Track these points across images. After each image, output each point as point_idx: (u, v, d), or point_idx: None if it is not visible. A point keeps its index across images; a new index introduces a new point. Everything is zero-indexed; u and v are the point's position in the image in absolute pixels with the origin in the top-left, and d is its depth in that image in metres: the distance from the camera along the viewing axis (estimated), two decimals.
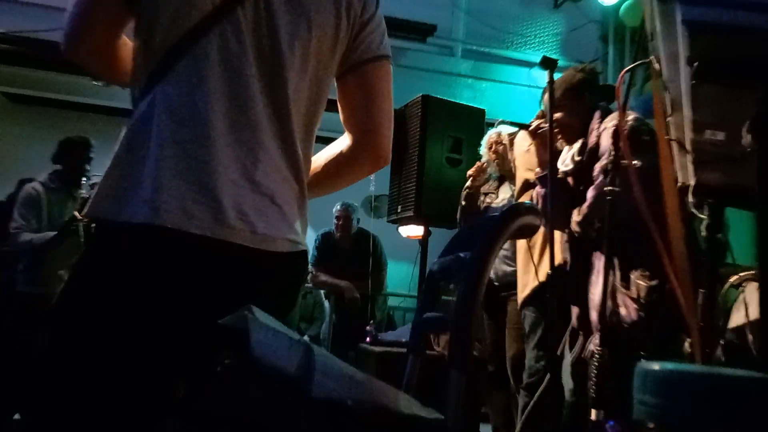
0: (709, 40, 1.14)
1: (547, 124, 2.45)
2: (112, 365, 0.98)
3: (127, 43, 1.17)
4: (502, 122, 3.12)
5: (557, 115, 2.46)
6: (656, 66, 1.51)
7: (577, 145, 2.48)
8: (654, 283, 2.15)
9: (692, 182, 1.57)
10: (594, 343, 2.21)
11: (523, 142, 2.88)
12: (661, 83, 1.54)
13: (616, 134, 2.12)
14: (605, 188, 2.12)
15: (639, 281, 2.18)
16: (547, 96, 2.50)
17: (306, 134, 1.17)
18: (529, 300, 2.85)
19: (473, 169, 3.12)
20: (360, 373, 0.78)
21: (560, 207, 2.39)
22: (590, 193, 2.30)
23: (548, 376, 2.41)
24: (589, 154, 2.41)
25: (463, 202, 3.10)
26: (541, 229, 2.46)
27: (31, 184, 3.65)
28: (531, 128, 2.66)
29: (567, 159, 2.51)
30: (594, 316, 2.25)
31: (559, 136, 2.53)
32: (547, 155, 2.45)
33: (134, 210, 0.99)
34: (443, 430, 0.81)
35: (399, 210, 3.29)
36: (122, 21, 1.12)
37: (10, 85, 6.16)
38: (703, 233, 1.79)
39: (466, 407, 0.85)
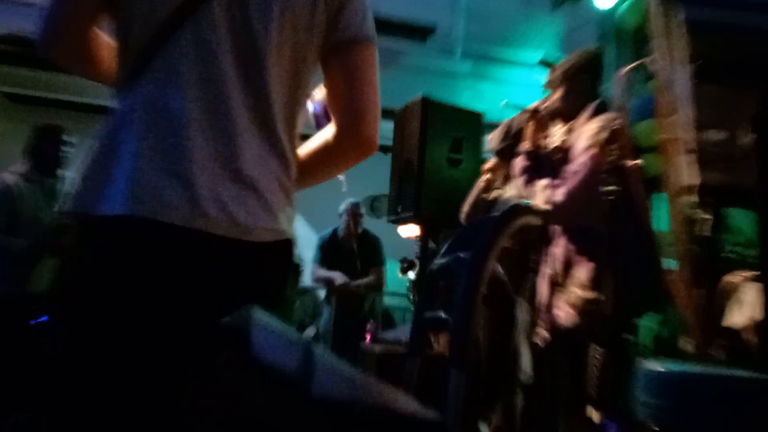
0: (709, 40, 1.14)
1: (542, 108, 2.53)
2: (101, 363, 0.98)
3: (108, 43, 1.17)
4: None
5: (556, 95, 2.51)
6: (656, 66, 1.52)
7: (565, 128, 2.49)
8: (591, 295, 2.16)
9: (692, 182, 1.57)
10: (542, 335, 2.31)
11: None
12: (661, 84, 1.54)
13: (615, 134, 2.12)
14: (604, 188, 2.12)
15: (575, 289, 2.21)
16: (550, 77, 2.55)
17: (289, 121, 1.14)
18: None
19: (490, 163, 3.10)
20: (360, 373, 0.78)
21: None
22: (564, 190, 2.27)
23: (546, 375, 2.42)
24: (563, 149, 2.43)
25: (477, 192, 3.06)
26: None
27: (4, 176, 3.36)
28: (530, 109, 2.67)
29: (555, 138, 2.55)
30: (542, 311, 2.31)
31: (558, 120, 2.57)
32: (539, 136, 2.51)
33: (112, 202, 0.99)
34: (443, 430, 0.81)
35: (399, 210, 3.29)
36: (97, 19, 1.12)
37: (10, 85, 6.17)
38: (703, 233, 1.80)
39: (466, 407, 0.85)
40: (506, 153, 2.76)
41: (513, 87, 5.93)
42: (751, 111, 1.10)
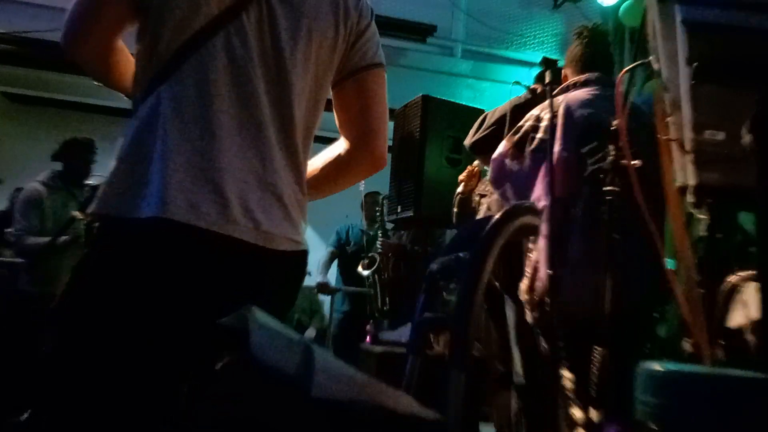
0: (709, 40, 1.14)
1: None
2: (126, 361, 0.99)
3: (122, 48, 1.19)
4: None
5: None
6: (656, 66, 1.52)
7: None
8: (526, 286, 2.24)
9: (692, 182, 1.57)
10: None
11: None
12: (660, 83, 1.54)
13: (615, 134, 2.12)
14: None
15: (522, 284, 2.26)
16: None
17: (305, 137, 1.19)
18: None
19: (464, 174, 3.11)
20: (360, 373, 0.78)
21: None
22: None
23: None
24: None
25: (456, 209, 3.09)
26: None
27: (31, 184, 3.61)
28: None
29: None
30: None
31: None
32: None
33: (142, 205, 1.00)
34: (443, 430, 0.81)
35: (399, 210, 3.28)
36: (126, 23, 1.14)
37: (10, 85, 6.17)
38: (703, 233, 1.80)
39: (467, 407, 0.85)
40: (483, 145, 2.69)
41: (513, 87, 5.92)
42: (751, 111, 1.10)
